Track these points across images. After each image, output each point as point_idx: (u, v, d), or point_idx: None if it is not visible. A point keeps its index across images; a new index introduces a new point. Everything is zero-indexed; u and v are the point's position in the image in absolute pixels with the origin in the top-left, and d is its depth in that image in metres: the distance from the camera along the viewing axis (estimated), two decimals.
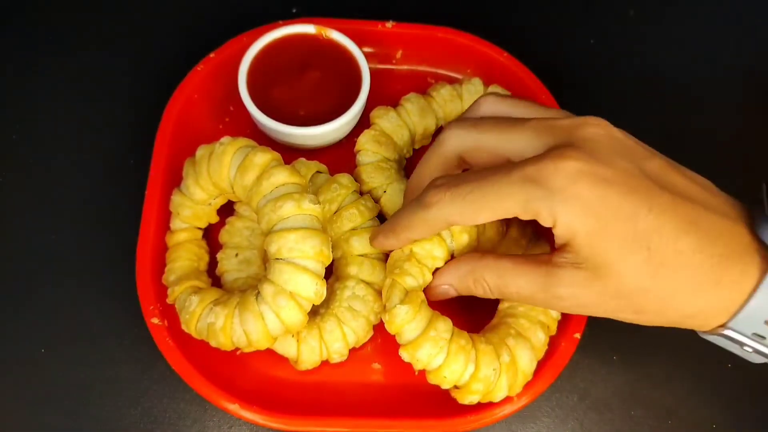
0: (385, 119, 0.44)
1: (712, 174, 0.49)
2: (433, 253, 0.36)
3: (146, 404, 0.40)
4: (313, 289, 0.34)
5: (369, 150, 0.43)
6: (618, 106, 0.50)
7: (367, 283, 0.39)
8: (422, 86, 0.47)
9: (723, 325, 0.30)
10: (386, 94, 0.46)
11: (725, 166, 0.49)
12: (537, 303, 0.34)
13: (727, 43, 0.54)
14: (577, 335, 0.39)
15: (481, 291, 0.35)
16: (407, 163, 0.46)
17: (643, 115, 0.50)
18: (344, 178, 0.41)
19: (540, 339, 0.37)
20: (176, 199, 0.40)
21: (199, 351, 0.38)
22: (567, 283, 0.31)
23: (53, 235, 0.44)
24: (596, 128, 0.31)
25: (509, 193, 0.30)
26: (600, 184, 0.29)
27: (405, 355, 0.35)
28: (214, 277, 0.41)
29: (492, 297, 0.35)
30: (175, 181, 0.41)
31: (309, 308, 0.35)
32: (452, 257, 0.37)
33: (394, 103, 0.45)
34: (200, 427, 0.40)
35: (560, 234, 0.30)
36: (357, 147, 0.43)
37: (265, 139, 0.44)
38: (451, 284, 0.36)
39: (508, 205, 0.30)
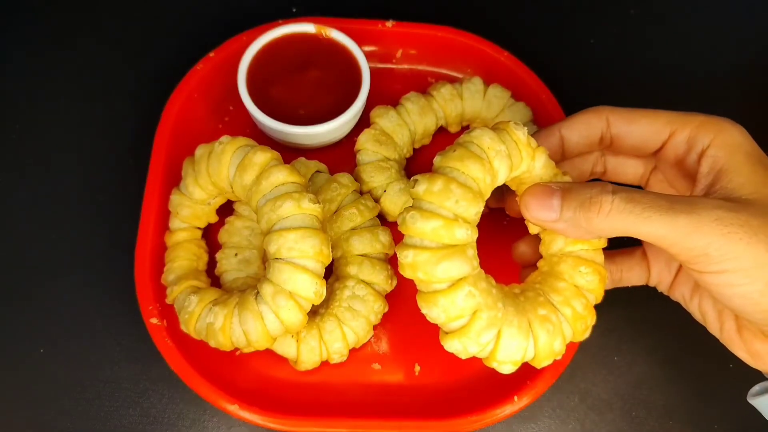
0: (385, 118, 0.44)
1: None
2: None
3: (145, 404, 0.40)
4: (312, 289, 0.33)
5: (369, 149, 0.43)
6: (618, 105, 0.50)
7: (367, 283, 0.39)
8: (422, 85, 0.47)
9: None
10: (386, 93, 0.46)
11: None
12: (670, 240, 0.28)
13: (728, 42, 0.54)
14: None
15: (605, 208, 0.29)
16: (407, 163, 0.46)
17: None
18: (344, 178, 0.41)
19: (577, 309, 0.33)
20: (175, 198, 0.40)
21: (199, 351, 0.38)
22: (713, 206, 0.28)
23: (53, 235, 0.44)
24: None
25: (674, 113, 0.32)
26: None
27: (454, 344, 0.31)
28: (213, 276, 0.41)
29: (606, 227, 0.29)
30: (174, 180, 0.41)
31: (308, 308, 0.34)
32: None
33: (395, 103, 0.45)
34: (199, 428, 0.40)
35: (717, 153, 0.30)
36: (357, 146, 0.43)
37: (264, 139, 0.44)
38: (563, 205, 0.30)
39: (670, 115, 0.32)
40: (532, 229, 0.36)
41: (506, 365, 0.32)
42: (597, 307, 0.34)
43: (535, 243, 0.37)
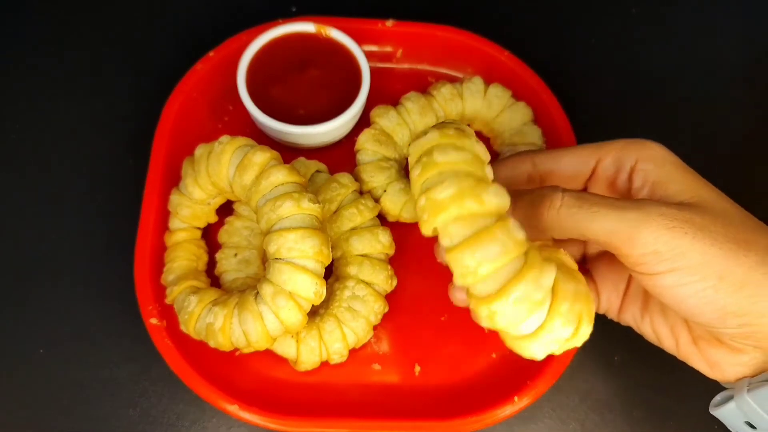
0: (386, 118, 0.43)
1: (713, 173, 0.49)
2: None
3: (145, 405, 0.40)
4: (312, 290, 0.33)
5: (369, 149, 0.43)
6: (619, 105, 0.50)
7: (367, 284, 0.39)
8: (423, 85, 0.47)
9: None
10: (386, 92, 0.46)
11: (726, 164, 0.49)
12: (618, 237, 0.28)
13: (729, 41, 0.54)
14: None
15: (555, 204, 0.29)
16: (407, 163, 0.46)
17: (644, 114, 0.50)
18: (344, 178, 0.41)
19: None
20: (175, 198, 0.40)
21: (198, 351, 0.38)
22: (658, 204, 0.28)
23: (53, 235, 0.44)
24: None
25: (594, 148, 0.32)
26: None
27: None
28: (213, 277, 0.41)
29: (557, 225, 0.29)
30: (174, 180, 0.41)
31: (308, 308, 0.34)
32: None
33: (395, 102, 0.45)
34: (199, 428, 0.40)
35: (646, 166, 0.30)
36: (357, 146, 0.43)
37: (264, 138, 0.44)
38: (514, 207, 0.30)
39: (590, 149, 0.32)
40: None
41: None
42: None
43: None
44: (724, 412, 0.31)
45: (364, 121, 0.45)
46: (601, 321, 0.37)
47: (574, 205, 0.29)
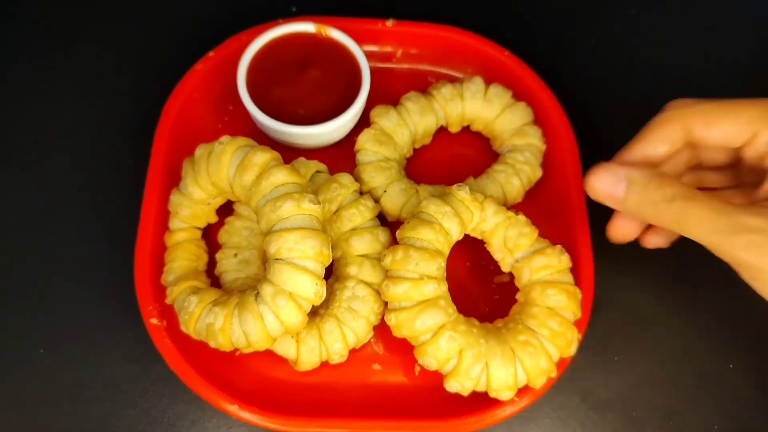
0: (386, 118, 0.43)
1: None
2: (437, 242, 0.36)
3: (145, 405, 0.40)
4: (312, 290, 0.33)
5: (369, 149, 0.43)
6: (619, 105, 0.50)
7: (367, 284, 0.39)
8: (423, 85, 0.47)
9: None
10: (387, 93, 0.46)
11: None
12: (715, 236, 0.29)
13: (729, 42, 0.54)
14: (578, 336, 0.39)
15: (660, 196, 0.30)
16: (408, 163, 0.46)
17: (644, 114, 0.50)
18: (344, 178, 0.41)
19: (553, 328, 0.36)
20: (175, 198, 0.40)
21: (198, 351, 0.38)
22: (752, 228, 0.28)
23: (52, 235, 0.44)
24: None
25: (759, 107, 0.30)
26: None
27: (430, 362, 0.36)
28: (213, 277, 0.41)
29: (660, 214, 0.31)
30: (174, 180, 0.41)
31: (308, 309, 0.34)
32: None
33: (395, 102, 0.45)
34: (199, 428, 0.40)
35: None
36: (357, 146, 0.43)
37: (264, 139, 0.44)
38: (631, 177, 0.31)
39: (754, 112, 0.31)
40: (505, 267, 0.40)
41: (504, 392, 0.36)
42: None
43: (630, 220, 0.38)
44: None
45: (364, 121, 0.45)
46: (601, 321, 0.37)
47: (684, 200, 0.30)
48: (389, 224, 0.42)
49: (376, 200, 0.42)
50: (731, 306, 0.44)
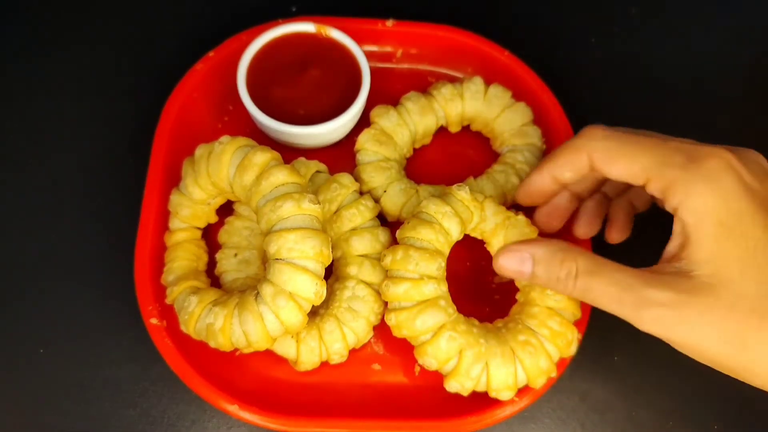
0: (386, 118, 0.43)
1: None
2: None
3: (145, 405, 0.40)
4: (312, 290, 0.33)
5: (369, 149, 0.43)
6: (619, 105, 0.50)
7: (367, 284, 0.39)
8: (423, 85, 0.47)
9: None
10: (386, 93, 0.46)
11: None
12: (622, 309, 0.30)
13: (729, 41, 0.54)
14: (578, 336, 0.39)
15: (564, 273, 0.31)
16: (408, 163, 0.46)
17: (644, 114, 0.50)
18: (344, 178, 0.41)
19: (553, 328, 0.36)
20: (175, 198, 0.40)
21: (198, 351, 0.38)
22: (670, 286, 0.28)
23: (52, 235, 0.44)
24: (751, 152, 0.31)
25: (657, 152, 0.29)
26: (743, 185, 0.28)
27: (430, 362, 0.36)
28: (213, 277, 0.41)
29: (568, 289, 0.32)
30: (174, 180, 0.41)
31: (309, 309, 0.34)
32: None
33: (395, 102, 0.45)
34: (199, 428, 0.40)
35: (685, 218, 0.28)
36: (357, 146, 0.43)
37: (264, 139, 0.44)
38: (535, 256, 0.33)
39: (648, 160, 0.30)
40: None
41: (504, 392, 0.36)
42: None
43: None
44: None
45: (364, 121, 0.45)
46: (601, 321, 0.37)
47: (588, 276, 0.31)
48: (389, 224, 0.42)
49: (376, 200, 0.42)
50: None
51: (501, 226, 0.38)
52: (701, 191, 0.28)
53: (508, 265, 0.34)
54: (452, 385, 0.36)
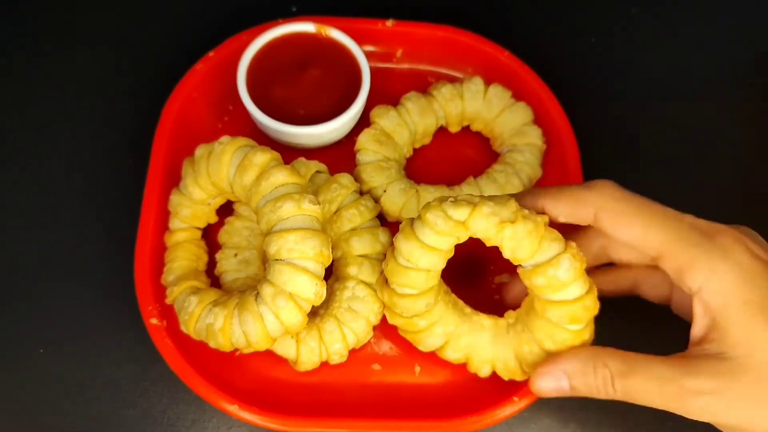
0: (386, 118, 0.43)
1: (712, 173, 0.49)
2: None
3: (145, 405, 0.40)
4: (312, 290, 0.33)
5: (369, 149, 0.43)
6: (619, 105, 0.50)
7: (367, 284, 0.39)
8: (423, 85, 0.47)
9: None
10: (386, 93, 0.46)
11: (725, 164, 0.49)
12: (666, 403, 0.30)
13: (729, 41, 0.54)
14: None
15: (600, 381, 0.31)
16: (408, 163, 0.46)
17: (644, 114, 0.50)
18: (344, 178, 0.41)
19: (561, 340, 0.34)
20: (175, 198, 0.40)
21: (198, 351, 0.38)
22: (708, 373, 0.28)
23: (52, 235, 0.44)
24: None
25: (675, 227, 0.29)
26: (757, 259, 0.28)
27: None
28: (213, 277, 0.41)
29: (610, 394, 0.31)
30: (173, 180, 0.41)
31: (308, 309, 0.34)
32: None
33: (395, 102, 0.45)
34: (199, 428, 0.40)
35: (709, 300, 0.28)
36: (357, 146, 0.43)
37: (264, 139, 0.44)
38: (567, 371, 0.32)
39: (665, 234, 0.29)
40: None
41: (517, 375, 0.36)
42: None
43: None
44: None
45: (364, 121, 0.45)
46: (601, 321, 0.37)
47: (623, 378, 0.30)
48: (389, 224, 0.42)
49: (376, 200, 0.42)
50: None
51: (496, 238, 0.32)
52: (723, 272, 0.28)
53: (546, 387, 0.33)
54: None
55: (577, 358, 0.32)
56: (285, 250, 0.33)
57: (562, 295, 0.32)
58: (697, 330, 0.30)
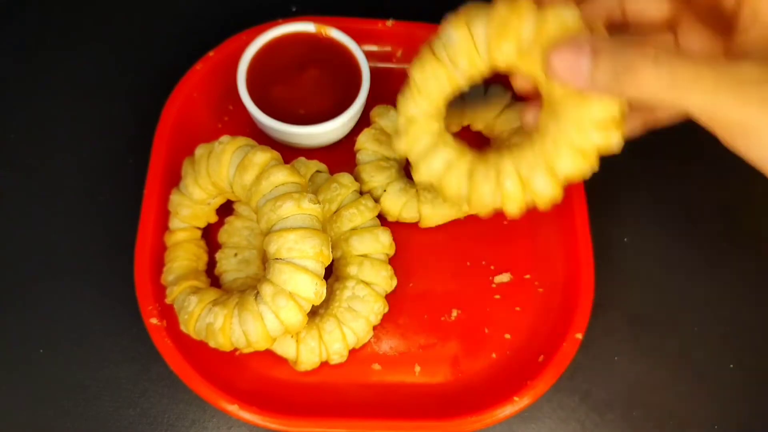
0: (386, 118, 0.43)
1: (712, 173, 0.49)
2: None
3: (145, 405, 0.40)
4: (312, 290, 0.33)
5: (369, 149, 0.43)
6: None
7: (367, 284, 0.39)
8: None
9: None
10: (386, 92, 0.46)
11: (725, 164, 0.49)
12: (723, 100, 0.24)
13: None
14: (579, 336, 0.39)
15: (640, 61, 0.24)
16: (407, 163, 0.46)
17: None
18: (344, 178, 0.41)
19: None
20: (175, 198, 0.40)
21: (198, 351, 0.38)
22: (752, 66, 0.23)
23: (52, 235, 0.44)
24: None
25: None
26: None
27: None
28: (213, 277, 0.41)
29: (641, 88, 0.25)
30: (173, 180, 0.41)
31: (308, 309, 0.34)
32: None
33: (395, 102, 0.45)
34: (199, 428, 0.40)
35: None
36: (357, 146, 0.43)
37: (264, 138, 0.44)
38: (595, 45, 0.25)
39: None
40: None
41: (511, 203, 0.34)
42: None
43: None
44: None
45: (364, 121, 0.45)
46: (601, 321, 0.37)
47: (666, 85, 0.24)
48: (389, 224, 0.42)
49: (376, 200, 0.42)
50: (731, 306, 0.44)
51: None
52: None
53: (561, 64, 0.26)
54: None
55: (611, 37, 0.26)
56: (285, 250, 0.33)
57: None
58: (750, 37, 0.25)
